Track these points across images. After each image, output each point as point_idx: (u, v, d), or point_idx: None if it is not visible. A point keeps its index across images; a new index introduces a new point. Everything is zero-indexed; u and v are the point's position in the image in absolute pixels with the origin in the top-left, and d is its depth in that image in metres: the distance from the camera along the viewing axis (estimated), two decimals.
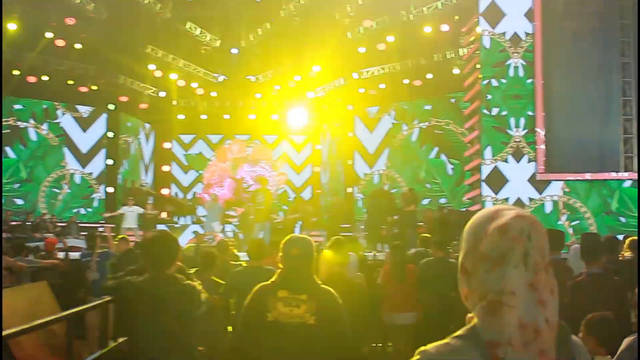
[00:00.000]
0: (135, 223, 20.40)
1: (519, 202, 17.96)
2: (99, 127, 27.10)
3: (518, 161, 18.33)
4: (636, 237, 8.28)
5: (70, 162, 26.64)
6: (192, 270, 5.67)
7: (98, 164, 26.81)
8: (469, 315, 1.70)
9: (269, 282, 4.42)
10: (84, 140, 26.96)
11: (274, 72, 27.79)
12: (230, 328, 7.65)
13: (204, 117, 29.64)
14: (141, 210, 20.92)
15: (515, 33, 18.72)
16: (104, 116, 27.07)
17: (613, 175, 18.73)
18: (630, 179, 18.70)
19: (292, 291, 4.24)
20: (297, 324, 4.18)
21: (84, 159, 26.81)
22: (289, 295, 4.24)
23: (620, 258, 7.86)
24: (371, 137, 26.78)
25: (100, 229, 19.10)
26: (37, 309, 6.53)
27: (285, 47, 26.77)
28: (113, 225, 20.20)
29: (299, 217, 20.83)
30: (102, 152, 26.90)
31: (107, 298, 5.10)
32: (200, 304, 4.59)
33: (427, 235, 11.52)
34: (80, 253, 13.32)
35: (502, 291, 1.59)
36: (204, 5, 25.13)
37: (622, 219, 18.16)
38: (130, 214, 20.40)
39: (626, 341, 3.17)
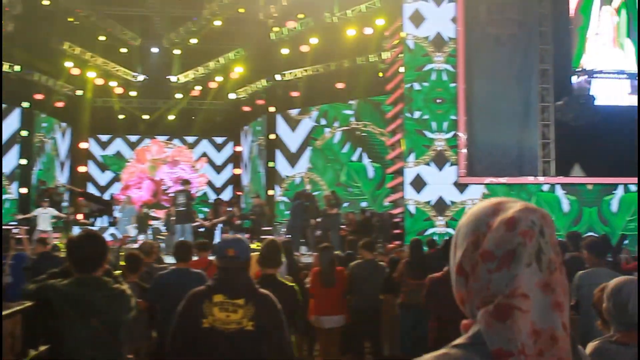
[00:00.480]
0: (50, 225, 19.67)
1: (440, 203, 18.10)
2: (11, 124, 26.01)
3: (440, 165, 18.45)
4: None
5: None
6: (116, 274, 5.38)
7: (9, 163, 25.74)
8: (465, 321, 1.49)
9: (203, 286, 4.20)
10: None
11: (195, 72, 27.38)
12: (154, 334, 7.37)
13: (122, 116, 28.93)
14: (55, 212, 20.20)
15: (438, 37, 18.84)
16: (16, 112, 25.98)
17: (530, 179, 19.05)
18: (548, 184, 19.09)
19: (229, 295, 4.01)
20: (234, 330, 3.96)
21: None
22: (226, 300, 4.01)
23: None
24: (293, 139, 26.62)
25: (15, 231, 18.33)
26: None
27: (207, 47, 26.45)
28: (27, 227, 19.44)
29: (223, 219, 20.51)
30: (14, 150, 25.83)
31: (28, 303, 4.76)
32: (131, 309, 4.32)
33: (353, 237, 11.44)
34: None
35: (513, 293, 1.39)
36: (124, 3, 24.57)
37: None
38: (44, 216, 19.64)
39: (591, 346, 3.05)
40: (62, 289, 4.16)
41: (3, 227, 20.72)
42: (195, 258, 8.50)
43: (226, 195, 29.75)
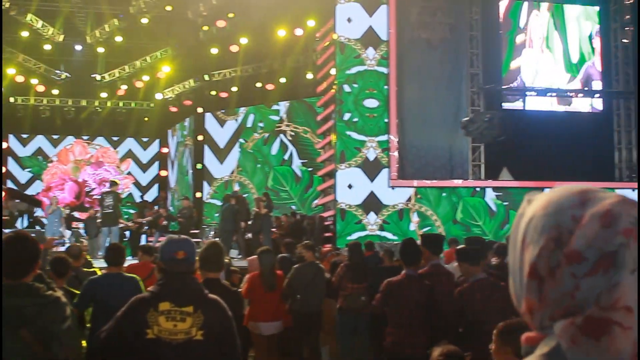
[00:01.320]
0: None
1: (372, 207, 18.00)
2: None
3: (371, 167, 18.34)
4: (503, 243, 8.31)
5: None
6: None
7: None
8: (531, 334, 1.19)
9: (146, 293, 3.85)
10: None
11: (120, 70, 26.67)
12: (84, 343, 6.92)
13: (44, 115, 27.93)
14: None
15: (370, 39, 18.75)
16: None
17: (457, 182, 19.11)
18: (478, 187, 19.20)
19: (177, 303, 3.69)
20: (182, 341, 3.64)
21: None
22: (173, 308, 3.68)
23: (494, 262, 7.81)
24: (222, 141, 26.16)
25: None
26: None
27: (133, 45, 25.81)
28: None
29: (149, 220, 19.99)
30: None
31: None
32: (66, 319, 3.93)
33: (291, 240, 11.18)
34: None
35: (613, 306, 1.10)
36: None
37: (468, 228, 18.52)
38: None
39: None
40: None
41: None
42: (131, 262, 8.12)
43: (152, 197, 29.12)
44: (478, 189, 19.14)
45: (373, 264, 10.01)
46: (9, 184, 27.44)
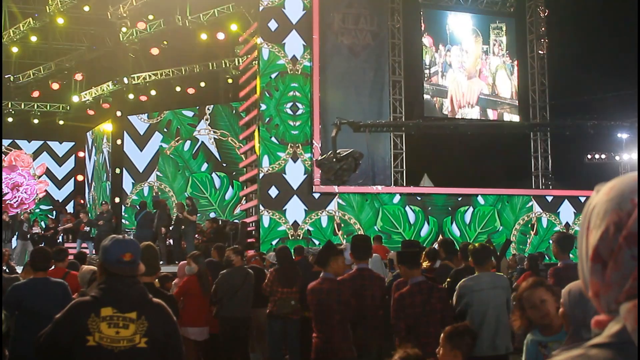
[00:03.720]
0: None
1: (295, 212, 17.96)
2: None
3: (294, 173, 18.31)
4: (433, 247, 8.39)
5: None
6: None
7: None
8: (600, 317, 1.21)
9: (87, 297, 3.66)
10: None
11: (36, 72, 25.87)
12: (6, 352, 6.62)
13: None
14: None
15: (293, 45, 18.74)
16: None
17: (377, 188, 19.21)
18: (397, 193, 19.35)
19: (120, 309, 3.50)
20: (125, 348, 3.47)
21: None
22: (115, 314, 3.49)
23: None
24: (141, 146, 25.64)
25: None
26: None
27: (49, 46, 25.09)
28: None
29: (69, 227, 19.47)
30: None
31: None
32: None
33: (222, 244, 11.04)
34: None
35: None
36: None
37: (389, 236, 18.62)
38: None
39: None
40: None
41: None
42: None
43: (67, 201, 28.39)
44: (399, 196, 19.29)
45: (303, 268, 9.94)
46: None
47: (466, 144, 20.31)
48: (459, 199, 19.66)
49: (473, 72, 22.50)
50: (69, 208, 27.89)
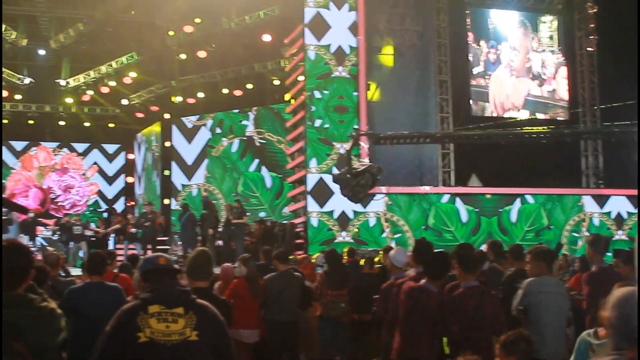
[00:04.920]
0: None
1: (342, 212, 17.95)
2: None
3: None
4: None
5: None
6: None
7: None
8: None
9: (133, 301, 3.71)
10: None
11: (85, 76, 26.28)
12: (64, 355, 6.72)
13: (5, 121, 27.38)
14: None
15: (339, 46, 18.72)
16: None
17: (425, 189, 19.10)
18: (449, 194, 19.22)
19: (166, 305, 3.57)
20: (177, 342, 3.51)
21: None
22: (163, 310, 3.56)
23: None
24: (190, 147, 25.85)
25: None
26: None
27: (99, 50, 25.45)
28: None
29: (117, 228, 19.71)
30: None
31: None
32: (61, 331, 3.78)
33: (269, 247, 11.05)
34: None
35: None
36: (10, 1, 23.26)
37: (440, 234, 18.58)
38: None
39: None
40: None
41: None
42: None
43: (118, 203, 28.78)
44: (448, 196, 19.15)
45: (353, 270, 9.93)
46: None
47: (516, 143, 20.05)
48: (508, 198, 19.44)
49: (522, 70, 22.23)
50: (119, 206, 28.23)
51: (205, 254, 5.52)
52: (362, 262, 10.84)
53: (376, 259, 11.50)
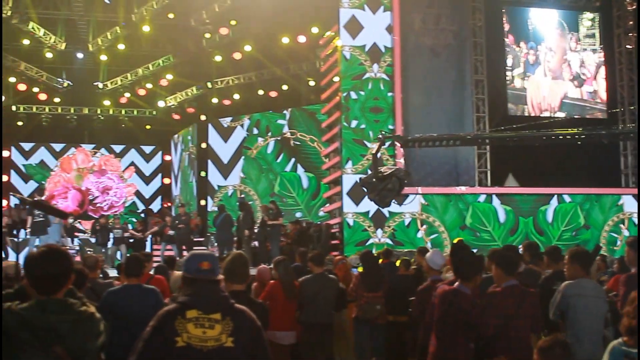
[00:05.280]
0: None
1: (378, 213, 17.89)
2: None
3: None
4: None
5: None
6: None
7: None
8: None
9: (172, 305, 3.76)
10: None
11: (123, 78, 26.59)
12: (102, 356, 6.81)
13: (45, 124, 27.83)
14: None
15: (374, 46, 18.68)
16: None
17: (461, 189, 18.98)
18: (485, 194, 19.09)
19: (204, 310, 3.63)
20: (213, 348, 3.56)
21: None
22: (201, 315, 3.61)
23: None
24: (225, 148, 25.94)
25: None
26: None
27: (135, 53, 25.73)
28: None
29: (155, 230, 19.91)
30: None
31: None
32: (99, 335, 3.84)
33: (305, 249, 11.08)
34: None
35: None
36: (48, 5, 23.64)
37: (477, 234, 18.47)
38: None
39: None
40: (20, 312, 3.67)
41: None
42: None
43: (155, 204, 29.04)
44: (485, 196, 19.01)
45: (389, 272, 9.91)
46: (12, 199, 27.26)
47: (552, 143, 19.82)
48: (544, 198, 19.23)
49: (558, 71, 21.98)
50: (155, 206, 28.49)
51: (242, 257, 5.55)
52: (397, 263, 10.81)
53: (412, 260, 11.48)
